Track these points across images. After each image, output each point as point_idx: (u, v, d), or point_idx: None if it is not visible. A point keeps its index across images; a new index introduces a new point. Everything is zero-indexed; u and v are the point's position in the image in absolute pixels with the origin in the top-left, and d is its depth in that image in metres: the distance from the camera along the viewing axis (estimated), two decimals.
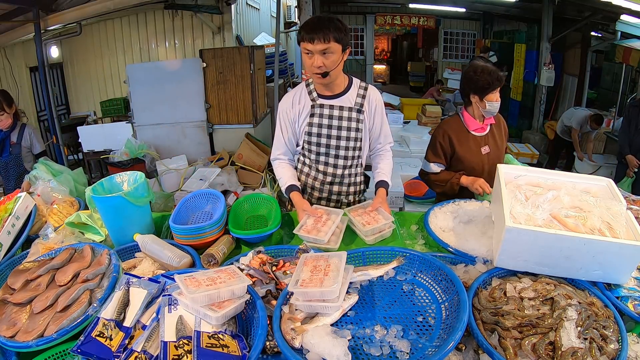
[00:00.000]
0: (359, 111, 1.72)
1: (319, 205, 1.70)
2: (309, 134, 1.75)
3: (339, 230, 1.55)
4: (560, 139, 5.19)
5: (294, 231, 1.50)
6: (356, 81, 1.76)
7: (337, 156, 1.77)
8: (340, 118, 1.71)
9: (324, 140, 1.75)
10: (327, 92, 1.72)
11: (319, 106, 1.72)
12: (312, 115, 1.73)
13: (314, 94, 1.73)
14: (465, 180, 1.87)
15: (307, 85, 1.76)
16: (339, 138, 1.74)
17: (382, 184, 1.76)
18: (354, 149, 1.77)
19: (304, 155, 1.84)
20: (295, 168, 1.90)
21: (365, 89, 1.74)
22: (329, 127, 1.73)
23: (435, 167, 2.00)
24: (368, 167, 1.91)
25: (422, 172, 2.08)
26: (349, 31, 1.58)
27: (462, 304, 0.95)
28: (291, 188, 1.73)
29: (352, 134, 1.73)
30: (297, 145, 1.84)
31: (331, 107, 1.71)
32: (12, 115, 2.87)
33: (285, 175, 1.77)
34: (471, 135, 1.95)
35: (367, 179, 1.93)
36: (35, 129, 3.11)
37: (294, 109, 1.76)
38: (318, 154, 1.79)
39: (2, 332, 1.00)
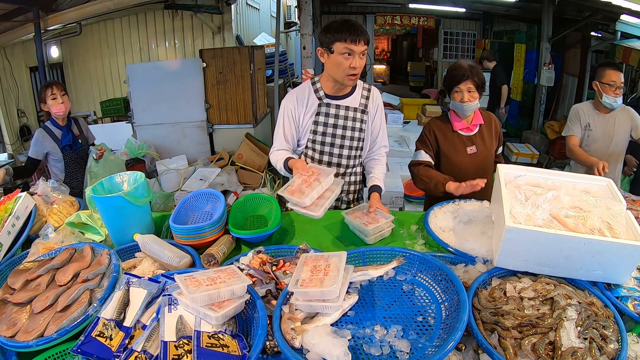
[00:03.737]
0: (364, 112, 1.75)
1: (314, 165, 1.58)
2: (314, 132, 1.77)
3: (328, 194, 1.42)
4: None
5: (279, 192, 1.41)
6: (360, 82, 1.78)
7: (340, 155, 1.79)
8: (345, 118, 1.73)
9: (328, 139, 1.77)
10: (334, 92, 1.73)
11: (326, 105, 1.74)
12: (318, 114, 1.75)
13: (321, 93, 1.74)
14: (451, 186, 1.72)
15: (313, 84, 1.76)
16: (343, 137, 1.75)
17: (375, 188, 1.77)
18: (356, 148, 1.79)
19: (306, 155, 1.85)
20: None
21: (369, 90, 1.77)
22: (334, 126, 1.74)
23: (425, 155, 1.94)
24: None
25: (412, 162, 2.00)
26: None
27: (462, 304, 0.95)
28: (288, 159, 1.69)
29: (356, 134, 1.76)
30: (299, 145, 1.85)
31: (337, 106, 1.74)
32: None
33: (281, 156, 1.73)
34: (457, 134, 1.94)
35: (364, 178, 1.94)
36: (83, 119, 2.87)
37: (299, 107, 1.76)
38: (321, 152, 1.80)
39: (2, 332, 1.00)
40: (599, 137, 2.52)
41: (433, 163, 1.98)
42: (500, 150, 2.08)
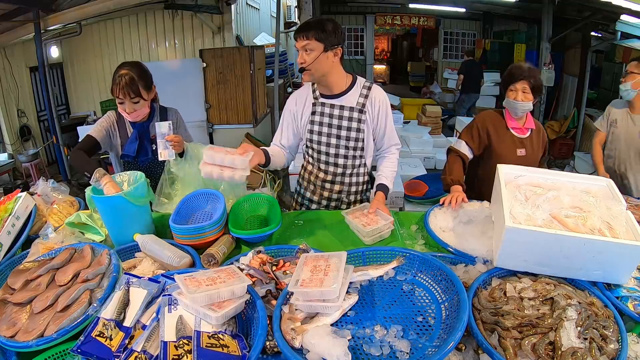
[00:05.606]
0: (361, 111, 1.72)
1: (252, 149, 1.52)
2: (311, 132, 1.78)
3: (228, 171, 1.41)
4: None
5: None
6: (360, 80, 1.75)
7: (337, 155, 1.78)
8: (340, 117, 1.72)
9: (324, 139, 1.76)
10: (327, 91, 1.73)
11: (321, 105, 1.74)
12: (313, 113, 1.76)
13: (317, 93, 1.76)
14: (453, 187, 1.77)
15: (313, 84, 1.77)
16: (339, 137, 1.74)
17: (381, 187, 1.76)
18: (355, 149, 1.77)
19: (307, 154, 1.88)
20: (301, 166, 1.95)
21: (369, 88, 1.73)
22: (329, 126, 1.74)
23: (464, 147, 1.94)
24: (374, 168, 1.90)
25: (451, 147, 2.00)
26: (340, 33, 1.60)
27: (462, 304, 0.95)
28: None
29: (353, 134, 1.74)
30: (301, 140, 1.87)
31: (332, 106, 1.73)
32: (150, 101, 1.88)
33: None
34: (510, 132, 1.91)
35: (372, 180, 1.92)
36: (178, 112, 2.03)
37: (297, 107, 1.80)
38: (319, 152, 1.81)
39: (2, 332, 1.00)
40: (622, 136, 2.38)
41: (470, 157, 1.95)
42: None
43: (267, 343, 0.94)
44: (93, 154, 1.83)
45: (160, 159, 1.80)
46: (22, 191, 1.67)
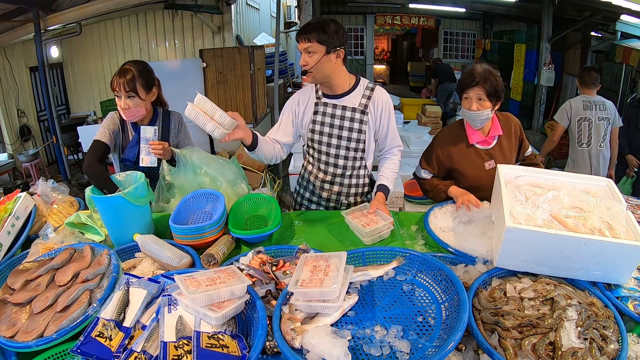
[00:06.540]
0: (363, 112, 1.72)
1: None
2: (312, 131, 1.78)
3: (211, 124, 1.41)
4: None
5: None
6: (364, 82, 1.75)
7: (337, 156, 1.78)
8: (342, 118, 1.72)
9: (325, 139, 1.76)
10: (330, 92, 1.73)
11: (323, 104, 1.74)
12: (315, 112, 1.76)
13: (320, 93, 1.76)
14: (454, 191, 1.68)
15: (316, 84, 1.77)
16: (340, 138, 1.74)
17: (381, 187, 1.75)
18: (356, 149, 1.77)
19: (308, 154, 1.88)
20: (302, 166, 1.95)
21: (372, 89, 1.73)
22: (331, 126, 1.74)
23: (425, 174, 1.86)
24: (376, 168, 1.89)
25: (415, 175, 1.95)
26: (342, 34, 1.59)
27: (462, 304, 0.95)
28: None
29: (354, 135, 1.73)
30: (301, 140, 1.87)
31: (334, 106, 1.73)
32: (149, 103, 1.87)
33: None
34: (474, 148, 1.75)
35: (373, 183, 1.91)
36: (181, 116, 1.99)
37: (300, 106, 1.79)
38: (320, 152, 1.81)
39: (2, 332, 1.00)
40: None
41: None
42: (528, 152, 1.88)
43: (267, 343, 0.94)
44: (105, 159, 1.84)
45: (141, 164, 1.78)
46: (22, 191, 1.67)
